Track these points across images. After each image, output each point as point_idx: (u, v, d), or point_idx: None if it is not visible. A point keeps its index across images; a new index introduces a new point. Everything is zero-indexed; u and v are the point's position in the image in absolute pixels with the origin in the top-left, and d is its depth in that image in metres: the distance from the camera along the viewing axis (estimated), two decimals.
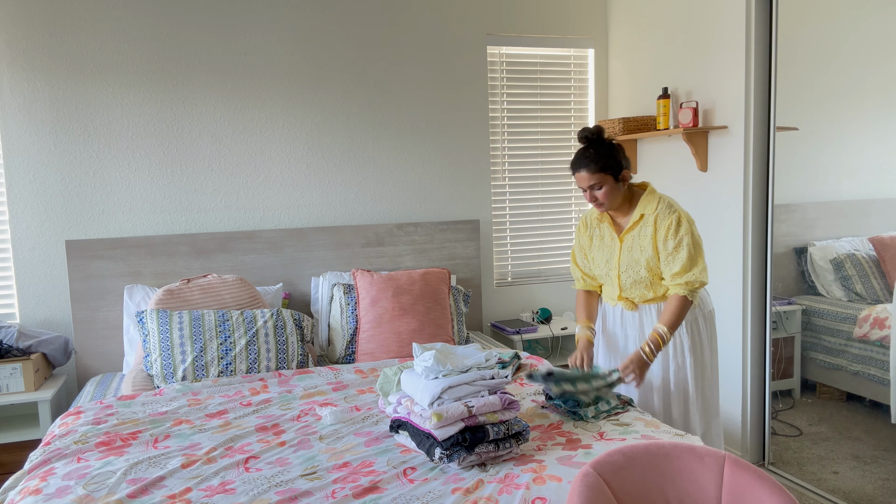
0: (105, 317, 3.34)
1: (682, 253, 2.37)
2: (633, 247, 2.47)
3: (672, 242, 2.38)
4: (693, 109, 3.37)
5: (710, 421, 2.55)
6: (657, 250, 2.42)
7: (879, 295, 3.01)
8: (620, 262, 2.51)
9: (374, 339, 3.21)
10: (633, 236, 2.48)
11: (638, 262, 2.45)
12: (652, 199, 2.46)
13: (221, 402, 2.56)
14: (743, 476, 1.61)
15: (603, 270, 2.59)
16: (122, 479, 1.92)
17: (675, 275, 2.39)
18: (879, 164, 2.91)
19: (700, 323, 2.53)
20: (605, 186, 2.42)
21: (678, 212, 2.41)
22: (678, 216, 2.39)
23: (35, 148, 3.28)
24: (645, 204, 2.46)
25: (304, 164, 3.69)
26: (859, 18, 2.98)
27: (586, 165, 2.41)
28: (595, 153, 2.41)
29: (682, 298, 2.38)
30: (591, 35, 4.19)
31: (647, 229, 2.44)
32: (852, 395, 3.17)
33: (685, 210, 2.44)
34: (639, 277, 2.46)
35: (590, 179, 2.42)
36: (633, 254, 2.47)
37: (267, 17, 3.57)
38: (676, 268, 2.38)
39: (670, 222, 2.39)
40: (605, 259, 2.57)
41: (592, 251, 2.63)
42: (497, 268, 4.15)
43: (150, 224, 3.47)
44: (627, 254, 2.48)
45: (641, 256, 2.44)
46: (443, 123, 3.91)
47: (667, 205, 2.43)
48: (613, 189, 2.43)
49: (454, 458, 1.91)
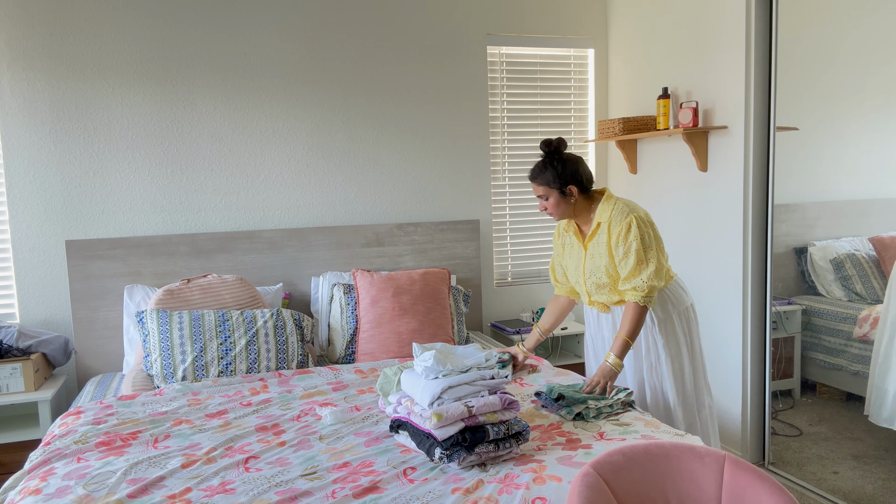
0: (105, 317, 3.34)
1: (630, 258, 2.42)
2: (594, 254, 2.54)
3: (622, 248, 2.43)
4: (693, 109, 3.37)
5: (693, 416, 2.58)
6: (612, 256, 2.48)
7: (879, 295, 3.01)
8: (585, 268, 2.57)
9: (374, 339, 3.21)
10: (594, 244, 2.54)
11: (599, 268, 2.51)
12: (607, 206, 2.51)
13: (221, 402, 2.56)
14: (743, 476, 1.61)
15: (573, 277, 2.67)
16: (122, 479, 1.92)
17: (624, 280, 2.45)
18: (879, 164, 2.91)
19: (674, 320, 2.57)
20: (550, 198, 2.51)
21: (630, 216, 2.43)
22: (629, 221, 2.42)
23: (35, 148, 3.28)
24: (601, 212, 2.52)
25: (304, 164, 3.69)
26: (859, 18, 2.98)
27: (534, 178, 2.53)
28: (542, 166, 2.50)
29: (634, 305, 2.42)
30: (591, 35, 4.19)
31: (603, 237, 2.50)
32: (852, 395, 3.17)
33: (643, 210, 2.48)
34: (601, 283, 2.52)
35: (536, 190, 2.54)
36: (595, 260, 2.53)
37: (267, 17, 3.57)
38: (625, 272, 2.44)
39: (621, 228, 2.43)
40: (574, 266, 2.65)
41: (564, 258, 2.71)
42: (497, 268, 4.15)
43: (150, 224, 3.47)
44: (591, 260, 2.55)
45: (601, 263, 2.50)
46: (443, 123, 3.91)
47: (619, 210, 2.47)
48: (559, 202, 2.51)
49: (454, 458, 1.91)
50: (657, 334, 2.55)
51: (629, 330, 2.43)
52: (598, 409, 2.29)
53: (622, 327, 2.45)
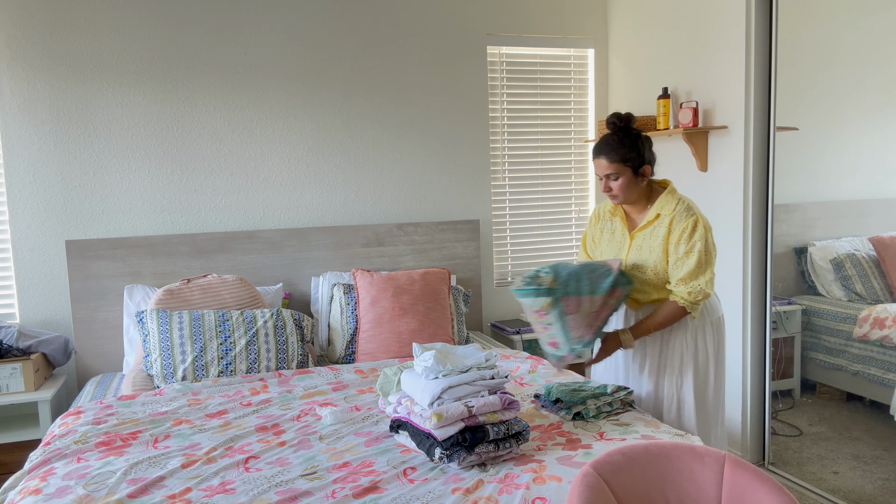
0: (105, 317, 3.34)
1: (691, 259, 2.25)
2: (642, 246, 2.36)
3: (683, 247, 2.26)
4: (693, 109, 3.37)
5: (709, 429, 2.43)
6: (667, 253, 2.31)
7: (879, 295, 3.01)
8: (627, 259, 2.39)
9: (374, 339, 3.21)
10: (644, 235, 2.36)
11: (645, 262, 2.34)
12: (671, 199, 2.33)
13: (221, 402, 2.56)
14: (743, 476, 1.61)
15: None
16: (122, 479, 1.92)
17: (680, 280, 2.27)
18: (879, 164, 2.91)
19: (707, 330, 2.41)
20: (621, 178, 2.30)
21: (696, 216, 2.28)
22: (695, 220, 2.27)
23: (35, 148, 3.28)
24: (663, 203, 2.33)
25: (304, 164, 3.69)
26: (859, 18, 2.99)
27: (606, 153, 2.29)
28: (618, 141, 2.29)
29: (679, 308, 2.29)
30: (591, 35, 4.19)
31: (661, 230, 2.31)
32: (852, 395, 3.17)
33: (704, 216, 2.32)
34: (644, 278, 2.35)
35: (607, 168, 2.30)
36: (641, 253, 2.36)
37: (267, 17, 3.57)
38: (682, 273, 2.26)
39: (686, 225, 2.26)
40: (613, 254, 2.46)
41: (602, 244, 2.51)
42: (497, 268, 4.15)
43: (150, 224, 3.47)
44: (636, 252, 2.37)
45: (650, 257, 2.33)
46: (443, 123, 3.91)
47: (685, 207, 2.30)
48: (630, 182, 2.31)
49: (454, 458, 1.91)
50: (688, 340, 2.39)
51: (658, 323, 2.30)
52: (597, 408, 2.29)
53: (652, 316, 2.31)
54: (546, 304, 2.23)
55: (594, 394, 2.33)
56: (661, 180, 2.43)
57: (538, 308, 2.25)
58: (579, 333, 2.26)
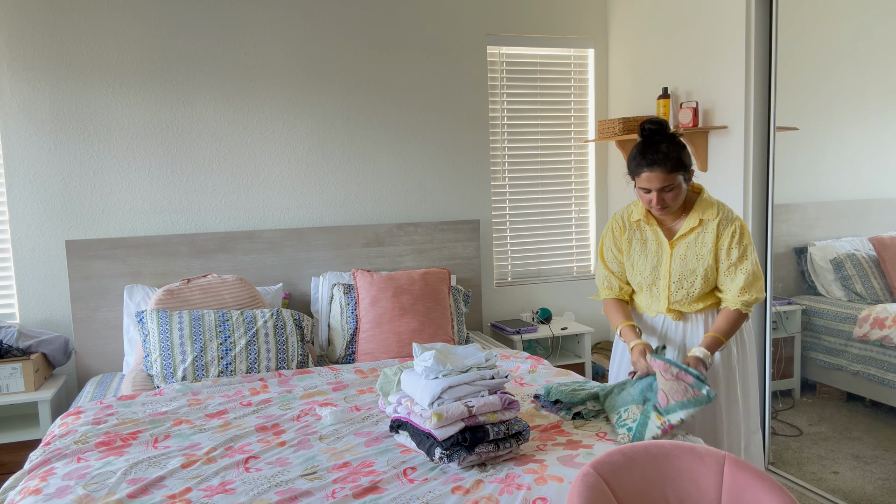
0: (105, 317, 3.34)
1: (746, 265, 2.19)
2: (687, 255, 2.25)
3: (736, 252, 2.20)
4: (693, 109, 3.37)
5: (749, 436, 2.38)
6: (717, 259, 2.23)
7: (879, 295, 3.01)
8: (672, 270, 2.27)
9: (374, 339, 3.21)
10: (687, 243, 2.26)
11: (694, 271, 2.24)
12: (711, 203, 2.26)
13: (221, 402, 2.56)
14: (743, 476, 1.61)
15: (647, 279, 2.33)
16: (122, 479, 1.92)
17: (742, 289, 2.20)
18: (879, 164, 2.92)
19: (744, 335, 2.38)
20: (675, 188, 2.17)
21: (739, 220, 2.24)
22: (741, 224, 2.22)
23: (35, 148, 3.28)
24: (704, 208, 2.25)
25: (304, 164, 3.69)
26: (859, 18, 2.99)
27: (662, 164, 2.13)
28: (669, 148, 2.14)
29: (741, 314, 2.22)
30: (591, 35, 4.19)
31: (708, 236, 2.23)
32: (852, 395, 3.17)
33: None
34: (693, 290, 2.25)
35: (665, 180, 2.14)
36: (687, 262, 2.25)
37: (267, 17, 3.57)
38: (741, 282, 2.19)
39: (734, 229, 2.20)
40: (649, 267, 2.32)
41: (632, 256, 2.37)
42: (497, 268, 4.15)
43: (150, 224, 3.47)
44: (680, 262, 2.26)
45: (699, 265, 2.23)
46: (443, 123, 3.91)
47: (727, 211, 2.25)
48: (682, 191, 2.20)
49: (454, 458, 1.91)
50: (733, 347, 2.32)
51: (726, 330, 2.19)
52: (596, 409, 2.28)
53: (719, 326, 2.20)
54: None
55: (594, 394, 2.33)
56: (692, 184, 2.33)
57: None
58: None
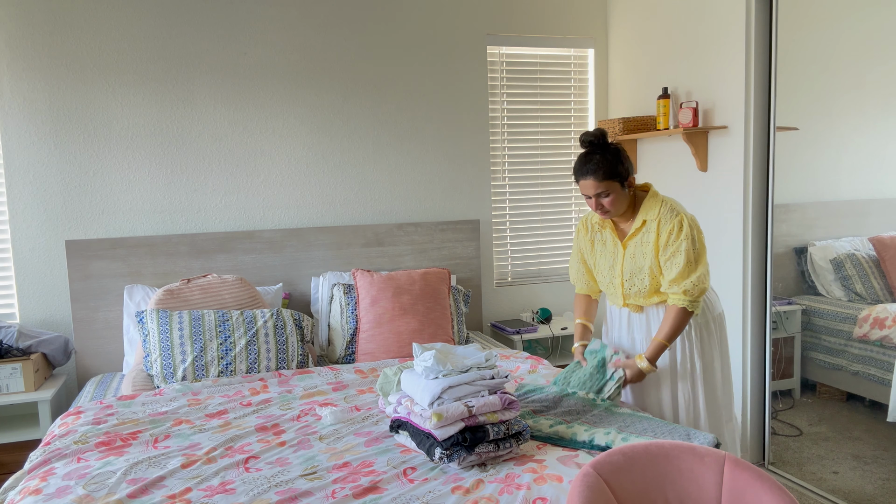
0: (105, 317, 3.34)
1: (679, 258, 2.27)
2: (636, 254, 2.38)
3: (671, 248, 2.29)
4: (693, 109, 3.37)
5: (721, 426, 2.45)
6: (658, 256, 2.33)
7: (879, 295, 3.01)
8: (624, 269, 2.41)
9: (374, 339, 3.21)
10: (635, 243, 2.38)
11: (642, 269, 2.36)
12: (654, 203, 2.36)
13: (221, 402, 2.56)
14: (743, 476, 1.61)
15: (606, 277, 2.49)
16: (122, 479, 1.92)
17: (672, 282, 2.29)
18: (879, 163, 2.91)
19: (711, 326, 2.44)
20: (612, 194, 2.31)
21: (681, 215, 2.31)
22: (680, 220, 2.30)
23: (35, 148, 3.28)
24: (647, 209, 2.36)
25: (304, 164, 3.69)
26: (859, 18, 2.99)
27: (592, 172, 2.28)
28: (601, 158, 2.29)
29: (680, 309, 2.28)
30: (591, 35, 4.19)
31: (650, 235, 2.34)
32: (852, 395, 3.17)
33: (690, 213, 2.35)
34: (643, 286, 2.37)
35: (596, 187, 2.29)
36: (636, 261, 2.37)
37: (267, 17, 3.57)
38: (673, 274, 2.28)
39: (672, 227, 2.29)
40: (608, 266, 2.47)
41: (594, 256, 2.52)
42: (497, 268, 4.15)
43: (150, 224, 3.47)
44: (631, 261, 2.39)
45: (644, 263, 2.35)
46: (443, 123, 3.91)
47: (669, 208, 2.33)
48: (620, 196, 2.32)
49: (454, 458, 1.91)
50: (694, 340, 2.40)
51: (668, 333, 2.28)
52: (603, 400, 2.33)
53: (661, 330, 2.30)
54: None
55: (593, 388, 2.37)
56: (642, 184, 2.45)
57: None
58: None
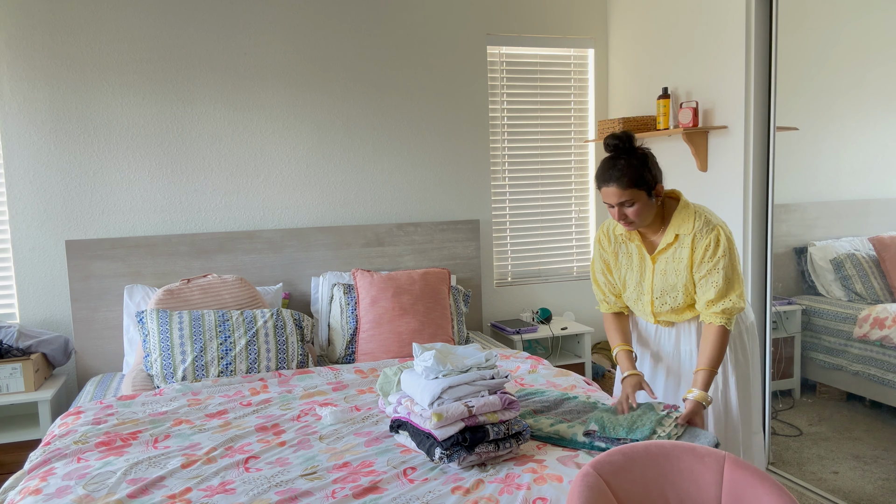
0: (105, 317, 3.34)
1: (716, 276, 2.11)
2: (666, 270, 2.20)
3: (707, 266, 2.12)
4: (693, 109, 3.37)
5: (750, 437, 2.35)
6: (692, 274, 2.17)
7: (879, 295, 3.01)
8: (654, 286, 2.23)
9: (374, 339, 3.21)
10: (666, 258, 2.20)
11: (675, 287, 2.19)
12: (687, 215, 2.17)
13: (221, 402, 2.56)
14: (743, 476, 1.61)
15: (633, 294, 2.30)
16: (122, 479, 1.92)
17: (710, 302, 2.13)
18: (879, 163, 2.91)
19: (744, 337, 2.32)
20: (637, 203, 2.10)
21: (717, 228, 2.13)
22: (717, 234, 2.12)
23: (35, 148, 3.28)
24: (680, 222, 2.17)
25: (304, 164, 3.69)
26: (859, 18, 2.98)
27: (617, 179, 2.07)
28: (626, 164, 2.07)
29: (720, 329, 2.11)
30: (591, 35, 4.19)
31: (684, 251, 2.16)
32: (852, 395, 3.17)
33: (723, 222, 2.17)
34: (676, 304, 2.21)
35: (620, 196, 2.08)
36: (667, 278, 2.19)
37: (267, 17, 3.57)
38: (711, 294, 2.12)
39: (708, 242, 2.11)
40: (635, 281, 2.28)
41: (620, 270, 2.33)
42: (497, 268, 4.15)
43: (150, 224, 3.47)
44: (661, 277, 2.21)
45: (678, 281, 2.18)
46: (443, 123, 3.91)
47: (704, 221, 2.15)
48: (646, 206, 2.12)
49: (454, 458, 1.91)
50: (728, 354, 2.26)
51: (714, 359, 2.09)
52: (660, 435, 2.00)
53: (704, 356, 2.11)
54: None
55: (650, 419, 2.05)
56: (670, 191, 2.27)
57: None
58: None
